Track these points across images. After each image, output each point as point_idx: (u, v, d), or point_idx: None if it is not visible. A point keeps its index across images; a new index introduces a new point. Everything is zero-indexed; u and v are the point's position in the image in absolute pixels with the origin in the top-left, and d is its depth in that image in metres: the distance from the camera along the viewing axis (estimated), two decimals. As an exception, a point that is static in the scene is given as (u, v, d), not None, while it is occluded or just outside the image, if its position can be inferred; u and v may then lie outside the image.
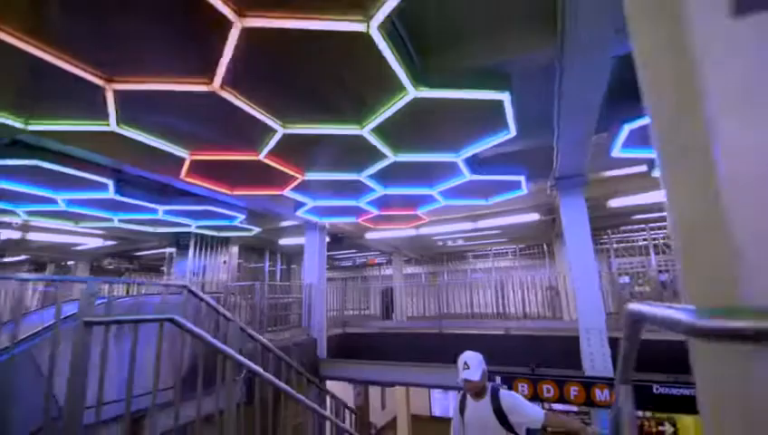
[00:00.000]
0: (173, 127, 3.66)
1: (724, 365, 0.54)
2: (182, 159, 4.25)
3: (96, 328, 2.22)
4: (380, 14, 2.24)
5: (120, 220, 6.88)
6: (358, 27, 2.31)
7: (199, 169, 4.61)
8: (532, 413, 2.60)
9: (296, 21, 2.29)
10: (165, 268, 11.06)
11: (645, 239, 10.46)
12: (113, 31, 2.46)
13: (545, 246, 13.00)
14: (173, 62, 2.77)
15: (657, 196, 6.29)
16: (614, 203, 7.31)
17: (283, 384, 3.30)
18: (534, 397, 5.52)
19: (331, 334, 7.99)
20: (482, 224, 9.19)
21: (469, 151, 4.31)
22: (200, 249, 9.69)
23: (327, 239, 8.59)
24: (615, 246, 10.83)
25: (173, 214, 6.75)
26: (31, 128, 3.38)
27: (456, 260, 15.69)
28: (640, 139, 4.09)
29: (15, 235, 8.77)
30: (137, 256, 13.97)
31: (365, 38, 2.39)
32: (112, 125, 3.37)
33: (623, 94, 3.39)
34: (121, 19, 2.38)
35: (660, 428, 7.92)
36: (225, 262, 10.12)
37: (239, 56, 2.56)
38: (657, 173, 2.30)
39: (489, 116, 3.54)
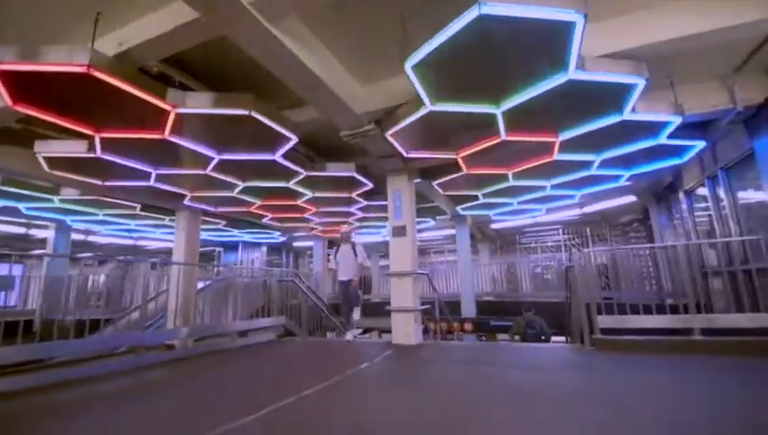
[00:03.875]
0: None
1: None
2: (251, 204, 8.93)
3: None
4: None
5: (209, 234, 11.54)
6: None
7: (264, 207, 9.28)
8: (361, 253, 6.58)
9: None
10: (215, 262, 15.70)
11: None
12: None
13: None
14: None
15: None
16: None
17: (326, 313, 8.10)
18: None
19: (330, 303, 12.81)
20: (587, 209, 10.83)
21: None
22: (243, 249, 14.41)
23: (327, 243, 13.46)
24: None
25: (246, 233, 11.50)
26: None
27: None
28: None
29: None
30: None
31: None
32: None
33: None
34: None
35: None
36: (257, 257, 14.85)
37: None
38: None
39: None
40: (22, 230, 10.82)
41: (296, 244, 15.90)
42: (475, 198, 8.27)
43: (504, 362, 4.32)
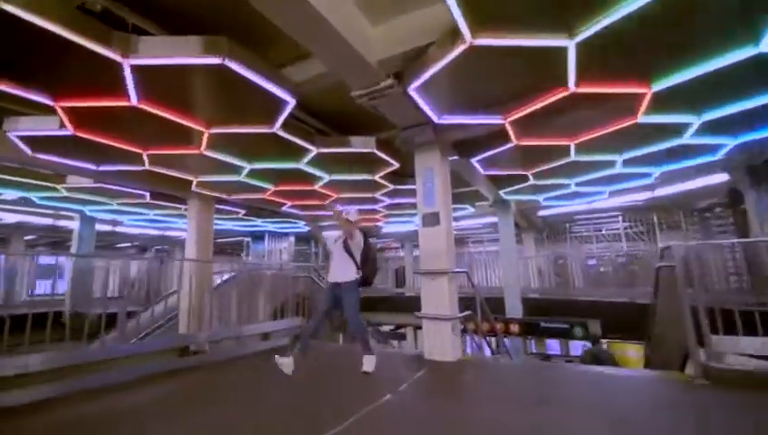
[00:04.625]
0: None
1: None
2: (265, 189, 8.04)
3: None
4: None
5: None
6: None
7: (279, 194, 8.38)
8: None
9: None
10: (244, 252, 15.28)
11: None
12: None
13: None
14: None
15: None
16: None
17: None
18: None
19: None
20: (660, 192, 8.86)
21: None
22: (270, 239, 13.80)
23: (356, 233, 12.53)
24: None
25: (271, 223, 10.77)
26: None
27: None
28: None
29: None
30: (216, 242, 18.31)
31: None
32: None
33: None
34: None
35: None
36: (285, 247, 14.21)
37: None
38: None
39: None
40: (49, 221, 10.72)
41: (325, 233, 15.10)
42: (524, 178, 6.87)
43: (580, 402, 3.06)
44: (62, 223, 10.76)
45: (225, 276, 8.08)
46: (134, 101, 3.59)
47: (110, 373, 3.75)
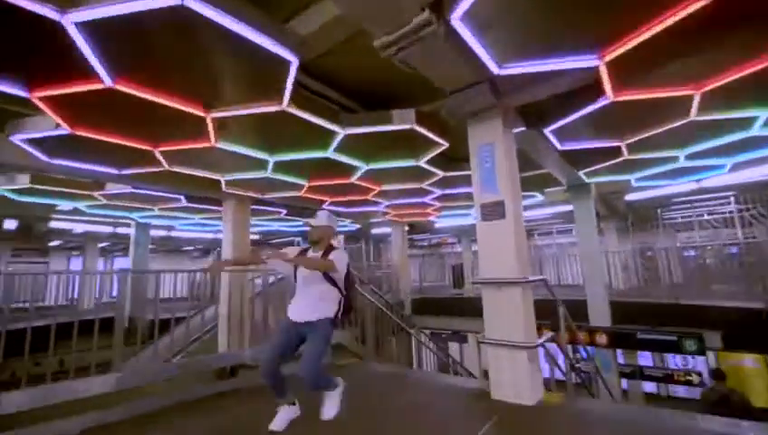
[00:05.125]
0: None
1: None
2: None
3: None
4: None
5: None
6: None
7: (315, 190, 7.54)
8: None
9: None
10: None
11: None
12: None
13: None
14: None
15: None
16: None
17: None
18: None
19: (414, 298, 10.83)
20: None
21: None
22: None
23: (406, 228, 11.44)
24: None
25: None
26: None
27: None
28: None
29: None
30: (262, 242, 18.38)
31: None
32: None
33: None
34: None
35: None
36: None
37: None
38: None
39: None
40: (110, 229, 11.11)
41: (374, 231, 14.25)
42: (614, 153, 5.30)
43: None
44: (120, 230, 11.09)
45: (271, 279, 7.55)
46: (108, 81, 2.89)
47: (145, 400, 3.56)
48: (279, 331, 2.81)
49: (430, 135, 4.27)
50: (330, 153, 4.68)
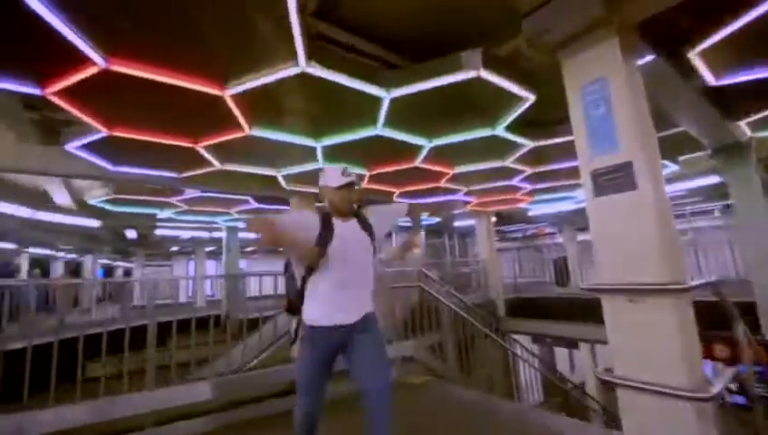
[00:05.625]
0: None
1: None
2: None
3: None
4: None
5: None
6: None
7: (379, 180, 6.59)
8: (396, 206, 2.28)
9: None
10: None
11: None
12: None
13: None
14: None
15: None
16: None
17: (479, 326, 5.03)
18: None
19: (507, 298, 9.38)
20: None
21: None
22: (396, 234, 12.61)
23: (493, 219, 10.02)
24: None
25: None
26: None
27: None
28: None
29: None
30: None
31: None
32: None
33: None
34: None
35: None
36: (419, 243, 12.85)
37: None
38: None
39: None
40: (207, 234, 11.98)
41: (457, 223, 13.02)
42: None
43: None
44: (216, 235, 11.87)
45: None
46: (100, 62, 2.47)
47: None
48: (310, 365, 1.89)
49: (505, 84, 3.09)
50: (379, 129, 3.81)
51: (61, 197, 6.64)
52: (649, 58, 2.93)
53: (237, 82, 2.87)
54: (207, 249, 15.92)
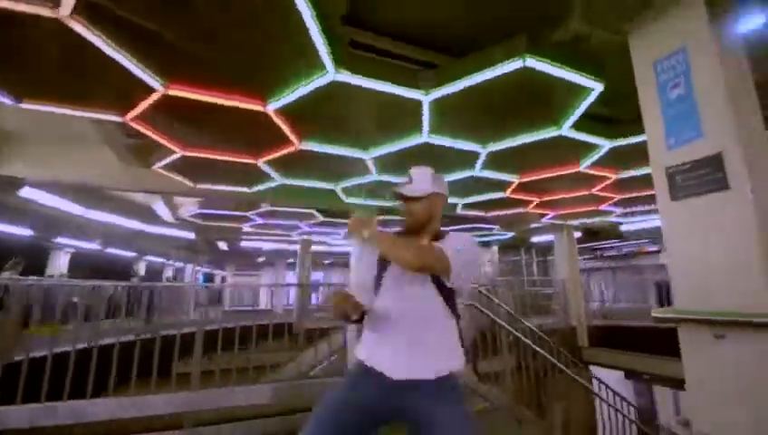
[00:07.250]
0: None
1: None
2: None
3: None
4: None
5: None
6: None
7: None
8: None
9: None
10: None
11: None
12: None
13: None
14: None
15: None
16: None
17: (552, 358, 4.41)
18: None
19: (593, 324, 8.17)
20: None
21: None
22: (467, 250, 12.05)
23: (577, 235, 8.94)
24: None
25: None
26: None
27: None
28: None
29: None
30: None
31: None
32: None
33: None
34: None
35: None
36: (489, 260, 12.05)
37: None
38: None
39: None
40: (285, 246, 12.82)
41: (535, 239, 11.91)
42: None
43: None
44: (292, 247, 12.64)
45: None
46: (159, 88, 2.76)
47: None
48: (331, 408, 1.28)
49: (557, 72, 2.68)
50: (425, 136, 3.63)
51: (162, 211, 7.67)
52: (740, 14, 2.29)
53: (275, 98, 2.97)
54: (288, 261, 17.07)
